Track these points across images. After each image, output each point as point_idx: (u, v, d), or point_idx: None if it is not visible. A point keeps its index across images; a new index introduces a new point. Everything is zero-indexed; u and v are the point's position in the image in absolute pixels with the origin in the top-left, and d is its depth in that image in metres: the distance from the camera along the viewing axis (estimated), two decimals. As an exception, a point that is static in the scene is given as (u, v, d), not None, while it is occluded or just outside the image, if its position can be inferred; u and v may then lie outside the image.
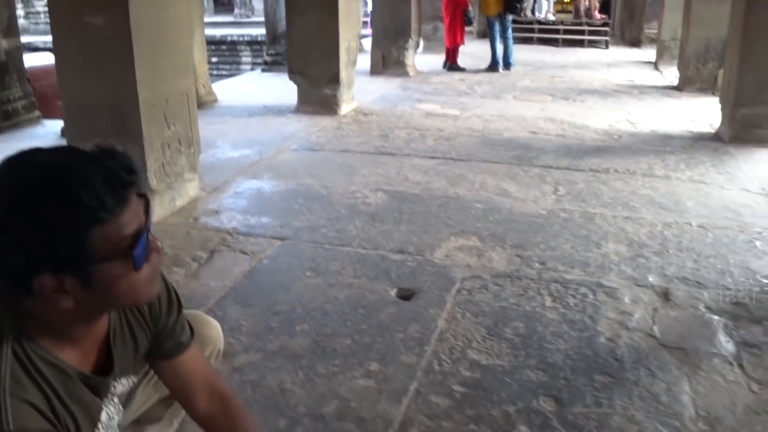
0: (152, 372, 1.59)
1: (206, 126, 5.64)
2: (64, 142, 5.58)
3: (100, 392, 1.31)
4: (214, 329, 1.77)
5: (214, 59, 15.99)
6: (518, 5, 10.56)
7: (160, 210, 3.99)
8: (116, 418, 1.39)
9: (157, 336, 1.46)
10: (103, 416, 1.32)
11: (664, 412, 2.36)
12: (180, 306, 1.50)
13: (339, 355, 2.68)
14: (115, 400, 1.37)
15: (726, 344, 2.80)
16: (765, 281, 3.37)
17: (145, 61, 3.69)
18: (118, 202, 1.10)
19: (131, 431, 1.69)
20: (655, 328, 2.92)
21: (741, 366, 2.65)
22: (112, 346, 1.33)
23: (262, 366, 2.59)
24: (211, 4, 26.06)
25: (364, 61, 9.91)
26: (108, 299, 1.19)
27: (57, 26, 3.80)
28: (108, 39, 3.62)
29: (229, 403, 1.58)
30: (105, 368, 1.32)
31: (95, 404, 1.28)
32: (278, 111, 7.23)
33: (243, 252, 3.65)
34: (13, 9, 6.68)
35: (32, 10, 22.46)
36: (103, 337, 1.31)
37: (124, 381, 1.41)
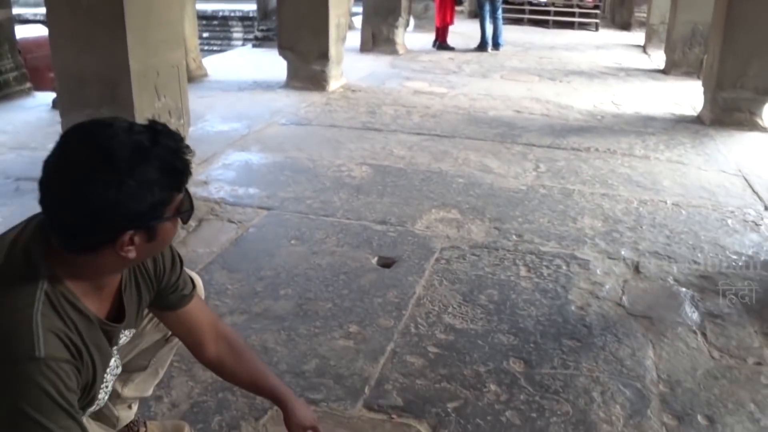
0: (148, 318, 1.73)
1: (196, 99, 5.72)
2: (55, 114, 5.66)
3: (112, 339, 1.45)
4: (196, 282, 1.89)
5: (205, 34, 15.96)
6: (509, -15, 10.63)
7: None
8: (119, 368, 1.54)
9: (163, 290, 1.60)
10: (112, 362, 1.47)
11: (627, 374, 2.50)
12: (182, 263, 1.65)
13: (320, 318, 2.80)
14: (115, 352, 1.50)
15: (691, 314, 2.94)
16: (734, 257, 3.51)
17: (136, 32, 3.76)
18: (190, 171, 1.32)
19: (119, 379, 1.80)
20: (624, 298, 3.05)
21: (704, 335, 2.79)
22: (124, 297, 1.47)
23: (246, 327, 2.71)
24: (203, -21, 25.88)
25: (354, 39, 9.98)
26: (158, 248, 1.39)
27: (50, -1, 3.88)
28: (100, 10, 3.69)
29: (234, 343, 1.76)
30: (117, 316, 1.46)
31: (107, 350, 1.43)
32: (268, 86, 7.30)
33: (230, 221, 3.76)
34: (4, -20, 6.69)
35: (22, -19, 22.30)
36: (116, 288, 1.45)
37: (126, 332, 1.55)
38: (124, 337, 1.56)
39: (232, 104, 6.44)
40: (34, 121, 5.68)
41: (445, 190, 4.34)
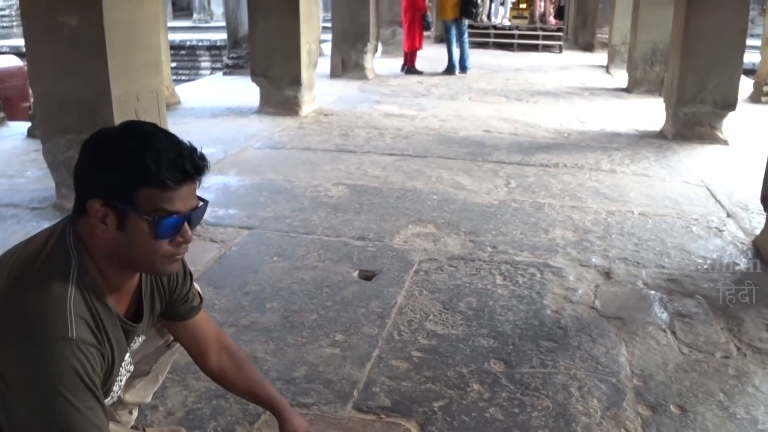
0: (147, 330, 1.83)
1: (171, 126, 5.74)
2: (30, 143, 5.71)
3: (128, 337, 1.54)
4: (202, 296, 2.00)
5: (173, 64, 16.03)
6: (474, 10, 10.85)
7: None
8: (131, 365, 1.64)
9: (174, 301, 1.71)
10: (126, 357, 1.56)
11: (603, 371, 2.62)
12: (191, 278, 1.76)
13: (306, 328, 2.89)
14: (128, 357, 1.60)
15: (661, 314, 3.08)
16: (699, 260, 3.67)
17: (117, 58, 3.86)
18: (170, 179, 1.35)
19: (122, 383, 1.89)
20: (597, 302, 3.19)
21: (674, 333, 2.93)
22: (144, 299, 1.58)
23: (235, 338, 2.75)
24: (170, 9, 26.01)
25: (324, 65, 10.12)
26: (131, 249, 1.40)
27: (30, 26, 3.96)
28: (82, 37, 3.78)
29: (235, 354, 1.87)
30: (134, 318, 1.56)
31: (124, 344, 1.52)
32: (241, 112, 7.40)
33: (213, 240, 3.84)
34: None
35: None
36: (134, 291, 1.55)
37: (138, 339, 1.66)
38: (136, 342, 1.65)
39: (206, 130, 6.53)
40: (9, 149, 5.72)
41: (420, 207, 4.46)
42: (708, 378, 2.60)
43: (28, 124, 6.18)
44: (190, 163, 1.38)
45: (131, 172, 1.33)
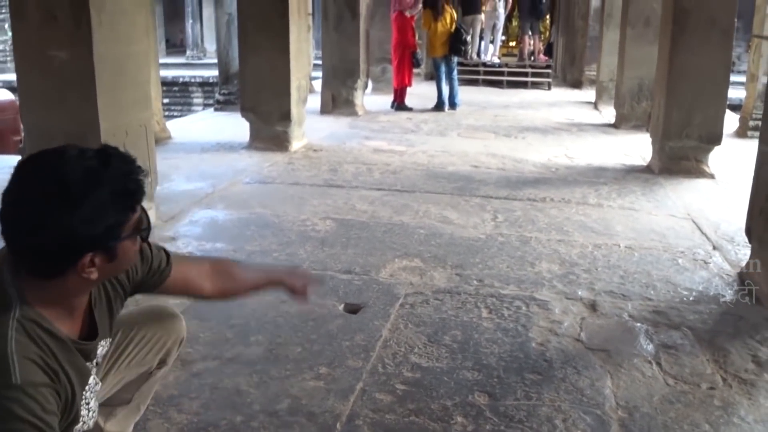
0: (125, 355, 1.81)
1: (161, 161, 5.79)
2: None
3: (89, 355, 1.52)
4: (178, 318, 1.99)
5: (165, 100, 16.14)
6: (463, 47, 10.96)
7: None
8: (99, 384, 1.59)
9: (145, 281, 1.72)
10: (90, 380, 1.53)
11: (588, 402, 2.62)
12: (149, 246, 1.72)
13: (291, 361, 2.88)
14: (94, 369, 1.57)
15: (646, 346, 3.09)
16: (685, 292, 3.69)
17: (106, 93, 3.89)
18: (143, 191, 1.40)
19: (101, 413, 1.87)
20: (582, 334, 3.19)
21: (659, 364, 2.94)
22: (95, 312, 1.55)
23: (219, 371, 2.78)
24: (164, 45, 26.25)
25: (315, 102, 10.19)
26: (119, 268, 1.48)
27: (22, 59, 4.00)
28: (72, 72, 3.82)
29: (224, 269, 1.95)
30: (89, 333, 1.53)
31: (86, 369, 1.50)
32: (231, 147, 7.43)
33: (199, 273, 3.83)
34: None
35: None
36: (87, 306, 1.53)
37: (103, 343, 1.62)
38: (101, 347, 1.62)
39: (196, 165, 6.55)
40: (-1, 184, 5.71)
41: (407, 241, 4.47)
42: (693, 409, 2.59)
43: (18, 157, 6.19)
44: (139, 168, 1.42)
45: (123, 210, 1.38)
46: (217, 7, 11.19)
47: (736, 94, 11.04)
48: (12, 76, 7.22)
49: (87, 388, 1.52)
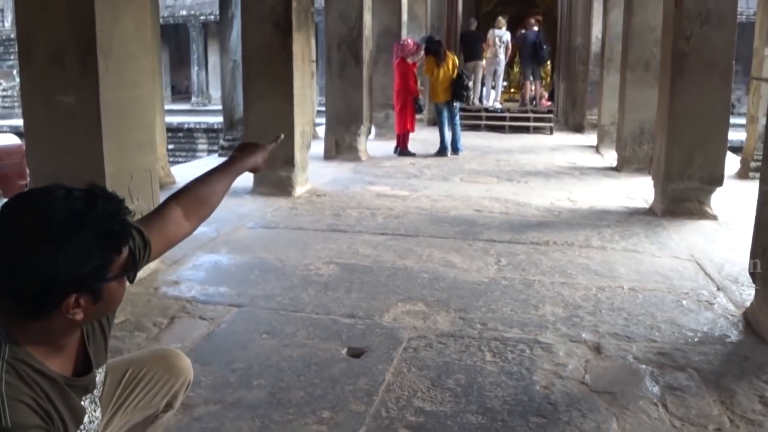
0: (132, 397, 1.81)
1: (165, 205, 5.85)
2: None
3: (87, 387, 1.51)
4: (185, 361, 1.99)
5: (170, 146, 16.29)
6: (465, 93, 11.07)
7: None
8: (95, 422, 1.58)
9: None
10: (85, 419, 1.52)
11: (593, 446, 2.58)
12: (134, 242, 1.62)
13: (293, 405, 2.86)
14: (89, 404, 1.55)
15: (652, 388, 3.06)
16: (690, 333, 3.66)
17: (112, 137, 3.94)
18: (129, 232, 1.41)
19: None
20: (587, 377, 3.16)
21: (665, 406, 2.90)
22: (88, 345, 1.55)
23: (220, 415, 2.76)
24: (169, 92, 26.60)
25: (319, 147, 10.29)
26: (106, 309, 1.45)
27: (29, 104, 4.07)
28: (78, 116, 3.89)
29: (192, 199, 1.92)
30: (84, 367, 1.53)
31: (80, 408, 1.48)
32: (234, 192, 7.45)
33: (202, 318, 3.83)
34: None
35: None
36: (79, 341, 1.53)
37: (99, 370, 1.62)
38: (99, 375, 1.61)
39: (200, 210, 6.56)
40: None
41: (410, 285, 4.46)
42: (700, 452, 2.56)
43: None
44: (126, 208, 1.42)
45: (108, 252, 1.36)
46: (222, 54, 11.34)
47: (737, 136, 11.12)
48: (19, 122, 7.32)
49: (81, 427, 1.50)
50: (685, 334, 3.67)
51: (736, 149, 9.95)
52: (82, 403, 1.50)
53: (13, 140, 9.41)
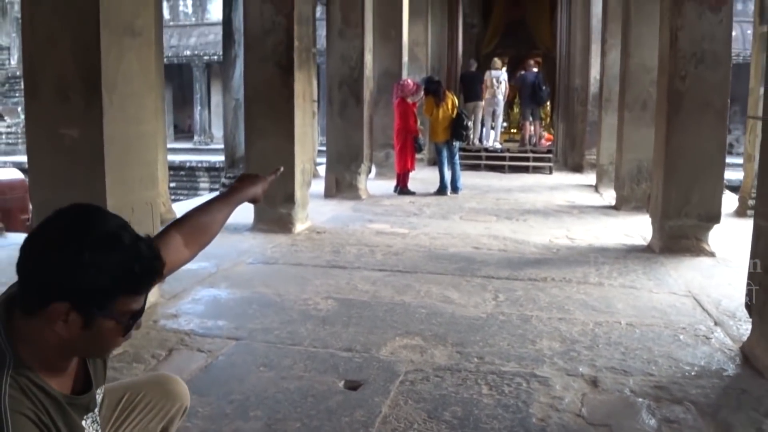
0: (128, 421, 1.84)
1: (165, 241, 5.89)
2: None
3: (88, 406, 1.54)
4: (182, 386, 2.01)
5: (172, 184, 16.43)
6: (464, 132, 11.16)
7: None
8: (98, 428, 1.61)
9: None
10: None
11: (588, 478, 2.58)
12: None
13: (289, 436, 2.87)
14: (95, 426, 1.58)
15: (648, 421, 3.07)
16: (687, 368, 3.67)
17: (114, 171, 4.00)
18: (149, 284, 1.44)
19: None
20: (584, 410, 3.17)
21: (660, 439, 2.91)
22: (89, 364, 1.57)
23: (216, 446, 2.77)
24: (172, 131, 26.82)
25: (319, 186, 10.36)
26: (89, 346, 1.45)
27: (34, 137, 4.15)
28: (81, 149, 3.95)
29: (193, 228, 1.93)
30: (84, 386, 1.55)
31: (79, 427, 1.51)
32: (235, 229, 7.50)
33: (200, 350, 3.85)
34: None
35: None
36: (80, 361, 1.55)
37: (99, 391, 1.64)
38: (98, 394, 1.63)
39: (200, 246, 6.60)
40: (5, 258, 5.76)
41: (408, 320, 4.48)
42: (695, 484, 2.56)
43: (25, 235, 6.29)
44: (158, 266, 1.45)
45: (118, 285, 1.38)
46: (225, 93, 11.49)
47: (735, 175, 11.20)
48: (22, 158, 7.43)
49: None
50: (682, 367, 3.68)
51: (734, 188, 10.02)
52: (83, 422, 1.52)
53: (16, 174, 9.52)
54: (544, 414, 3.12)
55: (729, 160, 12.77)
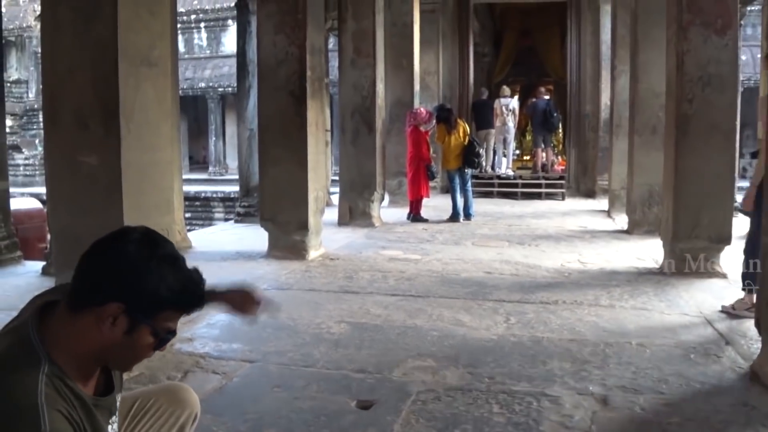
0: (139, 428, 1.89)
1: (180, 268, 5.98)
2: (44, 280, 5.89)
3: (111, 408, 1.63)
4: (192, 394, 2.08)
5: (187, 214, 16.55)
6: (476, 159, 11.25)
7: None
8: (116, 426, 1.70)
9: None
10: None
11: (597, 492, 2.61)
12: None
13: (302, 453, 2.92)
14: (115, 426, 1.66)
15: (658, 438, 3.09)
16: (697, 386, 3.70)
17: (131, 197, 4.11)
18: (193, 306, 1.60)
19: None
20: (593, 427, 3.20)
21: (670, 456, 2.93)
22: (113, 371, 1.67)
23: (230, 463, 2.83)
24: (187, 162, 27.06)
25: (333, 214, 10.46)
26: (122, 354, 1.57)
27: (53, 164, 4.30)
28: (99, 176, 4.09)
29: None
30: (104, 390, 1.64)
31: (100, 425, 1.59)
32: (249, 256, 7.61)
33: (215, 372, 3.91)
34: (4, 153, 7.14)
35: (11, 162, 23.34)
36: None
37: (119, 396, 1.74)
38: (117, 399, 1.73)
39: (215, 272, 6.68)
40: (24, 285, 5.90)
41: (420, 343, 4.52)
42: (704, 497, 2.58)
43: (44, 263, 6.41)
44: (203, 293, 1.62)
45: (170, 298, 1.53)
46: (239, 123, 11.65)
47: (748, 200, 11.14)
48: (40, 189, 7.59)
49: None
50: (692, 386, 3.70)
51: (748, 212, 10.00)
52: (108, 428, 1.61)
53: (34, 204, 9.69)
54: (554, 431, 3.15)
55: (742, 183, 12.79)
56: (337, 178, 11.38)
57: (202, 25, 27.51)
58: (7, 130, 8.00)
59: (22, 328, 1.53)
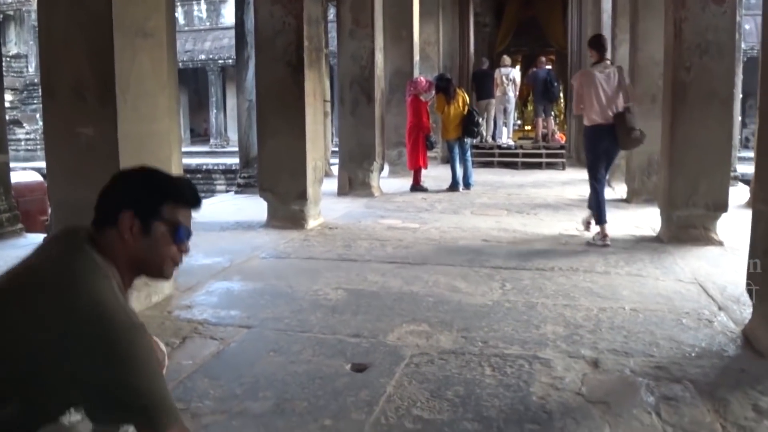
0: None
1: (180, 237, 6.02)
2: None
3: None
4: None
5: (188, 187, 16.60)
6: (475, 129, 11.25)
7: (137, 304, 4.30)
8: None
9: None
10: None
11: (584, 450, 2.67)
12: None
13: (296, 414, 2.98)
14: None
15: (647, 398, 3.14)
16: (688, 349, 3.75)
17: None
18: (189, 204, 1.89)
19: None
20: (583, 389, 3.25)
21: (659, 414, 2.98)
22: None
23: (227, 423, 2.89)
24: (188, 134, 27.04)
25: (333, 184, 10.49)
26: (150, 256, 1.82)
27: (52, 136, 4.33)
28: (97, 147, 4.12)
29: None
30: None
31: None
32: (249, 226, 7.65)
33: (213, 338, 3.97)
34: (4, 126, 7.16)
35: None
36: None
37: None
38: None
39: (214, 242, 6.75)
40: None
41: (415, 308, 4.57)
42: (688, 454, 2.63)
43: (45, 235, 6.46)
44: (197, 194, 1.91)
45: (166, 192, 1.83)
46: (238, 95, 11.65)
47: (750, 169, 11.16)
48: (41, 164, 7.66)
49: None
50: (683, 349, 3.75)
51: (748, 181, 10.01)
52: None
53: (35, 177, 9.73)
54: (545, 393, 3.20)
55: (745, 153, 12.74)
56: (337, 149, 11.39)
57: (202, -4, 27.35)
58: (7, 104, 8.03)
59: (76, 246, 1.72)
